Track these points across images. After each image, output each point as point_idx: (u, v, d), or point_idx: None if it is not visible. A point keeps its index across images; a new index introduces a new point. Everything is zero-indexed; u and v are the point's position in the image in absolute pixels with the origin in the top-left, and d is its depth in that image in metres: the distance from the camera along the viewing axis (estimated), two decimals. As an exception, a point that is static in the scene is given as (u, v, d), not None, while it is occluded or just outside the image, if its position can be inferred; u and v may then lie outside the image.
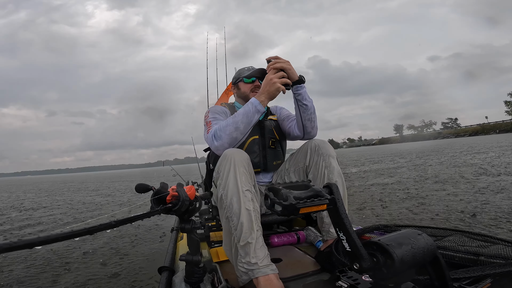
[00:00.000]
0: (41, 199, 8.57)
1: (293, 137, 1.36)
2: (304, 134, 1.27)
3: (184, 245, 1.24)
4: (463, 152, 12.09)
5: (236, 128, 1.04)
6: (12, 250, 0.37)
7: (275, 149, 1.34)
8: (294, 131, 1.31)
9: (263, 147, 1.31)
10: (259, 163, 1.29)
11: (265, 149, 1.31)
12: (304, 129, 1.25)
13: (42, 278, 2.00)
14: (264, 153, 1.31)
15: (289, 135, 1.38)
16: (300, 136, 1.30)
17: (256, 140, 1.30)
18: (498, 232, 2.19)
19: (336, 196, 0.62)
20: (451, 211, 2.93)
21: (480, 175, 5.04)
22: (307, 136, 1.28)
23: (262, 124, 1.34)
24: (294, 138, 1.36)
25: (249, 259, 0.84)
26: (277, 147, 1.36)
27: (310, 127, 1.24)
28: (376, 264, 0.56)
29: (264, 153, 1.31)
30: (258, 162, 1.28)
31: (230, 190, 0.91)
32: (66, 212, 5.42)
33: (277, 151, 1.35)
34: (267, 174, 1.36)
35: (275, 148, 1.34)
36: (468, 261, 0.85)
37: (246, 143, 1.28)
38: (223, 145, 1.06)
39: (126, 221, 0.55)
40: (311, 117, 1.22)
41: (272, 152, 1.33)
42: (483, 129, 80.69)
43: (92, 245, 2.76)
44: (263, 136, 1.32)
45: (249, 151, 1.25)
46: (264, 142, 1.32)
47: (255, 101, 1.05)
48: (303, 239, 1.32)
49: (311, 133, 1.26)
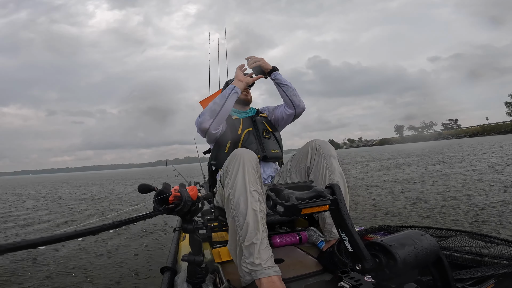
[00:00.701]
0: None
1: (287, 117, 1.51)
2: (295, 108, 1.47)
3: (186, 245, 1.24)
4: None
5: (213, 103, 1.26)
6: (16, 250, 0.38)
7: (269, 139, 1.48)
8: (285, 111, 1.50)
9: (258, 137, 1.44)
10: (257, 150, 1.39)
11: (260, 138, 1.44)
12: (293, 104, 1.45)
13: (40, 278, 2.01)
14: (260, 142, 1.43)
15: (283, 119, 1.53)
16: (293, 113, 1.49)
17: (251, 132, 1.43)
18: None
19: (338, 197, 0.62)
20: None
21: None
22: (298, 110, 1.48)
23: (254, 119, 1.51)
24: (288, 117, 1.52)
25: (253, 259, 0.83)
26: (271, 138, 1.50)
27: (297, 100, 1.45)
28: (378, 265, 0.56)
29: (260, 142, 1.43)
30: (256, 149, 1.39)
31: (237, 190, 0.91)
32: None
33: (272, 141, 1.48)
34: (268, 169, 1.40)
35: (269, 138, 1.48)
36: (472, 261, 0.84)
37: (242, 135, 1.40)
38: (205, 118, 1.26)
39: (129, 221, 0.55)
40: (294, 93, 1.44)
41: (267, 141, 1.46)
42: (483, 130, 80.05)
43: (93, 244, 2.77)
44: (256, 128, 1.47)
45: (246, 140, 1.39)
46: (258, 133, 1.46)
47: (231, 86, 1.31)
48: (305, 239, 1.32)
49: (300, 106, 1.47)
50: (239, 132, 1.41)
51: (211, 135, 1.34)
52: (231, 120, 1.46)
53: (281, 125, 1.59)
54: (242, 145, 1.38)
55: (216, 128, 1.30)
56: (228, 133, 1.40)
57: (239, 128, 1.43)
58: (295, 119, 1.54)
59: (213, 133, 1.30)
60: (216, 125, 1.28)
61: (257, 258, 0.83)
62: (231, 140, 1.38)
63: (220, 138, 1.39)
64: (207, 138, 1.41)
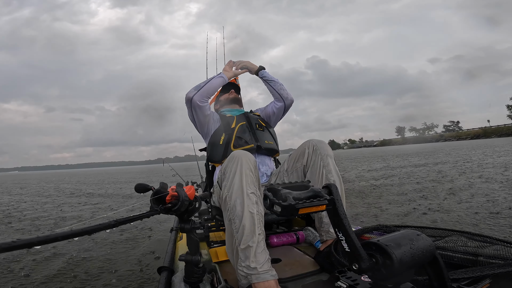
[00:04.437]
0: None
1: (278, 111, 1.59)
2: (284, 101, 1.55)
3: (183, 245, 1.24)
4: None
5: (201, 83, 1.39)
6: (11, 250, 0.37)
7: (263, 131, 1.52)
8: (275, 105, 1.59)
9: (251, 129, 1.49)
10: (251, 140, 1.43)
11: (253, 130, 1.49)
12: (282, 97, 1.55)
13: (39, 278, 2.00)
14: (254, 133, 1.47)
15: (274, 113, 1.61)
16: (282, 105, 1.57)
17: (244, 125, 1.49)
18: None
19: (335, 197, 0.62)
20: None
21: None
22: (287, 102, 1.56)
23: (247, 115, 1.57)
24: (279, 111, 1.59)
25: (249, 263, 0.82)
26: (265, 130, 1.54)
27: (285, 94, 1.55)
28: (375, 264, 0.56)
29: (254, 133, 1.47)
30: (250, 139, 1.43)
31: (234, 192, 0.89)
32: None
33: (266, 133, 1.53)
34: (263, 167, 1.41)
35: (263, 131, 1.52)
36: (467, 261, 0.85)
37: (236, 128, 1.44)
38: (190, 90, 1.35)
39: (126, 221, 0.55)
40: (282, 87, 1.55)
41: (261, 133, 1.50)
42: (484, 132, 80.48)
43: (90, 244, 2.75)
44: (249, 122, 1.52)
45: (240, 132, 1.44)
46: (252, 126, 1.51)
47: (219, 73, 1.47)
48: (303, 239, 1.32)
49: (289, 98, 1.56)
50: (233, 126, 1.46)
51: (198, 112, 1.38)
52: (225, 118, 1.51)
53: (273, 120, 1.64)
54: (236, 136, 1.41)
55: (201, 101, 1.35)
56: (221, 128, 1.45)
57: (233, 123, 1.48)
58: (285, 112, 1.62)
59: (199, 105, 1.35)
60: (200, 96, 1.34)
61: (253, 262, 0.82)
62: (225, 132, 1.42)
63: (214, 132, 1.44)
64: (197, 120, 1.43)
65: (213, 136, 1.44)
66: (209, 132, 1.46)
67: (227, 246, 0.95)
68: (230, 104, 1.67)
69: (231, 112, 1.60)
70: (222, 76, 1.45)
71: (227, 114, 1.57)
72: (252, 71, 1.59)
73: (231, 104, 1.67)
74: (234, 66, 1.58)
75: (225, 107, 1.68)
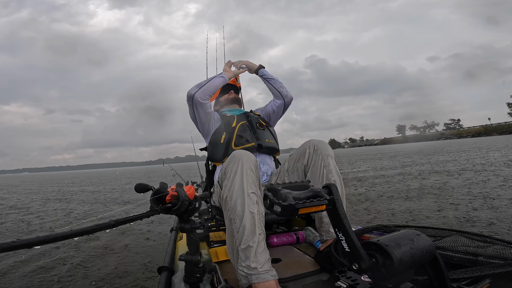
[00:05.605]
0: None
1: (277, 109, 1.61)
2: (284, 98, 1.57)
3: (183, 245, 1.24)
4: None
5: (203, 81, 1.40)
6: (11, 250, 0.37)
7: (264, 130, 1.53)
8: (275, 103, 1.60)
9: (252, 127, 1.50)
10: (252, 138, 1.44)
11: (254, 129, 1.50)
12: (281, 94, 1.56)
13: (38, 278, 2.00)
14: (254, 132, 1.48)
15: (274, 112, 1.62)
16: (282, 103, 1.58)
17: (245, 124, 1.50)
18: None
19: (335, 197, 0.62)
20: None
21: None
22: (286, 99, 1.58)
23: (247, 114, 1.59)
24: (279, 109, 1.61)
25: (249, 263, 0.82)
26: (265, 129, 1.55)
27: (285, 91, 1.57)
28: (375, 264, 0.56)
29: (254, 132, 1.48)
30: (251, 138, 1.44)
31: (235, 192, 0.89)
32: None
33: (266, 132, 1.53)
34: (263, 166, 1.41)
35: (264, 130, 1.53)
36: (467, 261, 0.85)
37: (236, 127, 1.45)
38: (192, 88, 1.36)
39: (125, 221, 0.55)
40: (281, 85, 1.57)
41: (261, 131, 1.51)
42: (485, 130, 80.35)
43: (90, 244, 2.75)
44: (250, 121, 1.53)
45: (241, 130, 1.44)
46: (252, 124, 1.52)
47: (220, 72, 1.49)
48: (303, 239, 1.32)
49: (288, 95, 1.58)
50: (234, 125, 1.47)
51: (199, 109, 1.38)
52: (226, 117, 1.51)
53: (273, 119, 1.65)
54: (237, 135, 1.42)
55: (203, 98, 1.36)
56: (222, 127, 1.46)
57: (234, 122, 1.48)
58: (285, 110, 1.63)
59: (200, 102, 1.35)
60: (202, 94, 1.35)
61: (253, 262, 0.82)
62: (226, 131, 1.43)
63: (215, 132, 1.45)
64: (198, 118, 1.42)
65: (213, 135, 1.44)
66: (210, 131, 1.46)
67: (228, 246, 0.95)
68: (230, 104, 1.68)
69: (231, 112, 1.61)
70: (223, 76, 1.46)
71: (228, 114, 1.58)
72: (252, 70, 1.61)
73: (231, 104, 1.68)
74: (234, 66, 1.60)
75: (225, 107, 1.69)
